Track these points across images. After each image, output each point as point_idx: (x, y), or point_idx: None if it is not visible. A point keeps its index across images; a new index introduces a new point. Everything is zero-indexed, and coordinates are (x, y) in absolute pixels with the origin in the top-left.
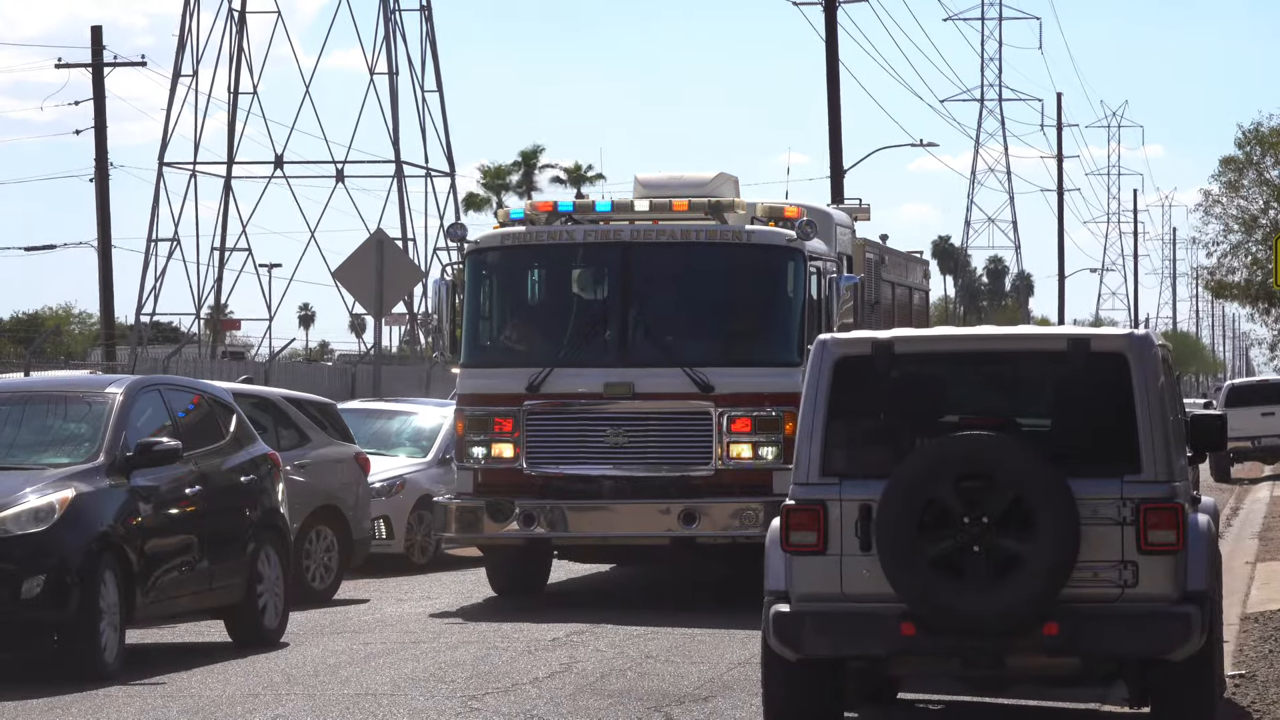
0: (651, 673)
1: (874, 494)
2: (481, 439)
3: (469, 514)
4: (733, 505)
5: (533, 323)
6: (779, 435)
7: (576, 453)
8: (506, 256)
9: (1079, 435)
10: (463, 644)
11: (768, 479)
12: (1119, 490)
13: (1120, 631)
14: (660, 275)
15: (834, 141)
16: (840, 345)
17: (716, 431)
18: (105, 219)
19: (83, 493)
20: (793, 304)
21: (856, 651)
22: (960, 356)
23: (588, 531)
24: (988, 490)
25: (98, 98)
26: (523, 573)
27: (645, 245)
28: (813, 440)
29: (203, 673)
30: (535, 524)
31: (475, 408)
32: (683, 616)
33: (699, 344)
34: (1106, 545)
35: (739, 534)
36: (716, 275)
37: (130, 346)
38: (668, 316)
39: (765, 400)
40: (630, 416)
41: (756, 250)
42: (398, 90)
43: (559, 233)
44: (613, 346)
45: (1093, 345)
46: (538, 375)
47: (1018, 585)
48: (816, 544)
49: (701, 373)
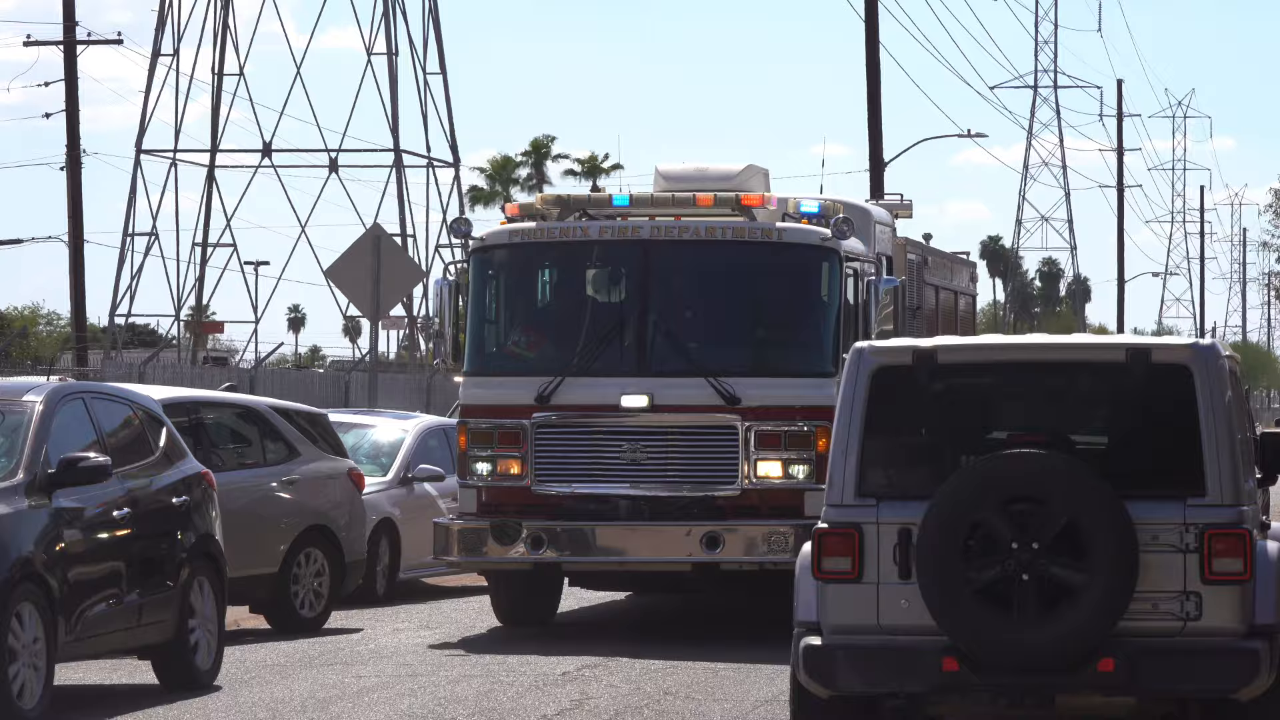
0: (670, 710)
1: (914, 517)
2: (486, 454)
3: (472, 536)
4: (761, 529)
5: (543, 327)
6: (811, 452)
7: (590, 470)
8: (515, 255)
9: (1138, 454)
10: (464, 678)
11: (799, 500)
12: (1181, 514)
13: (1181, 668)
14: (682, 276)
15: (874, 132)
16: (879, 354)
17: (743, 448)
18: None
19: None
20: (827, 309)
21: (894, 688)
22: (1009, 367)
23: (601, 556)
24: (1038, 514)
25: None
26: (531, 600)
27: (666, 243)
28: (848, 457)
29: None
30: (544, 547)
31: (479, 420)
32: (705, 649)
33: (724, 352)
34: (1167, 574)
35: (766, 560)
36: (744, 277)
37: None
38: (690, 321)
39: (796, 414)
40: (649, 431)
41: (788, 249)
42: (397, 73)
43: (572, 229)
44: (630, 354)
45: (1154, 356)
46: (548, 385)
47: (1070, 617)
48: (851, 571)
49: (727, 383)
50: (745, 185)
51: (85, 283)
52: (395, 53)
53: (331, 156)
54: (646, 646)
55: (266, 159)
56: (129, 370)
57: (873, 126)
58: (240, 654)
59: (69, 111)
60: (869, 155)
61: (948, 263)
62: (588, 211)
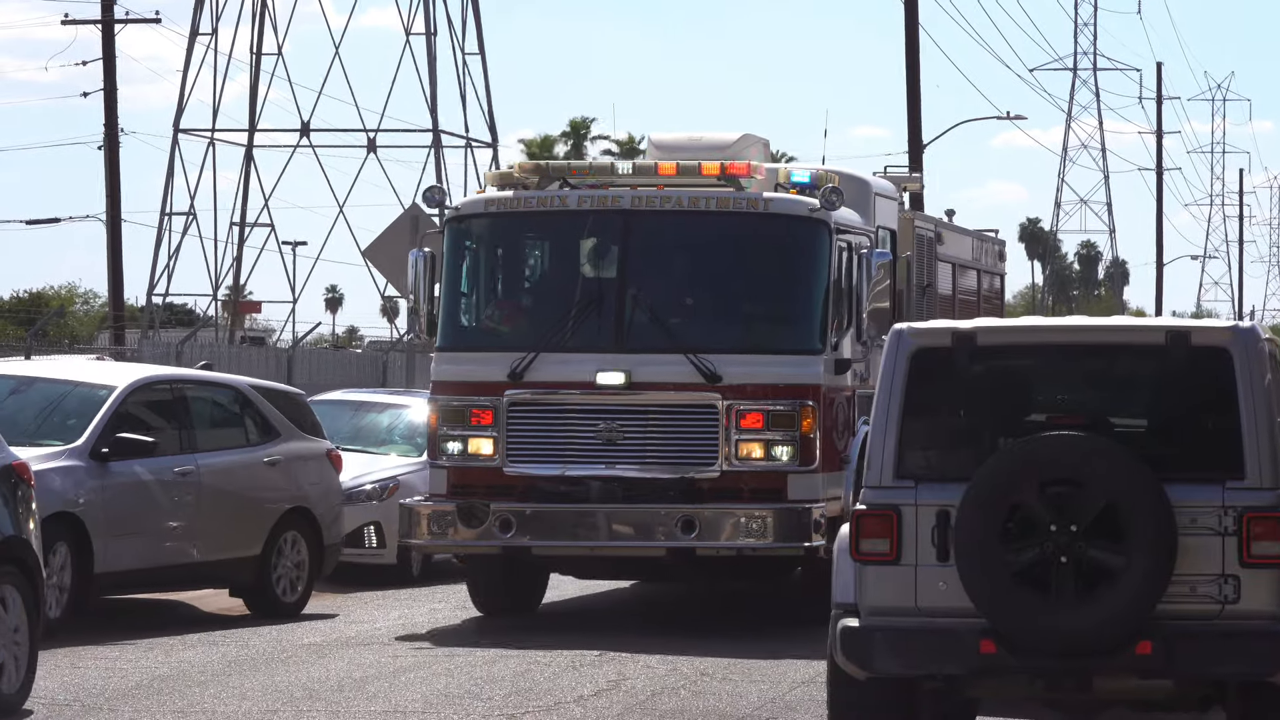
0: (708, 691)
1: (952, 499)
2: (457, 433)
3: (440, 518)
4: (739, 512)
5: (518, 301)
6: (795, 433)
7: (564, 450)
8: (490, 225)
9: (1177, 437)
10: (501, 658)
11: (781, 483)
12: (1220, 497)
13: (1220, 651)
14: (664, 248)
15: (912, 113)
16: (917, 335)
17: (724, 428)
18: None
19: None
20: (815, 283)
21: (931, 670)
22: (1048, 349)
23: (572, 540)
24: (1077, 496)
25: (108, 57)
26: (510, 588)
27: (648, 214)
28: (886, 439)
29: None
30: (513, 531)
31: (450, 397)
32: (735, 634)
33: (706, 327)
34: (1206, 557)
35: (745, 545)
36: (728, 248)
37: (140, 330)
38: (671, 295)
39: (781, 392)
40: (625, 410)
41: (774, 220)
42: (435, 52)
43: (550, 198)
44: (607, 329)
45: (1193, 339)
46: (521, 361)
47: (1108, 600)
48: (889, 553)
49: (708, 360)
50: (741, 155)
51: (123, 262)
52: (434, 32)
53: (370, 136)
54: (673, 631)
55: (305, 139)
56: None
57: (912, 108)
58: (277, 633)
59: (107, 90)
60: (908, 137)
61: (970, 239)
62: (568, 180)
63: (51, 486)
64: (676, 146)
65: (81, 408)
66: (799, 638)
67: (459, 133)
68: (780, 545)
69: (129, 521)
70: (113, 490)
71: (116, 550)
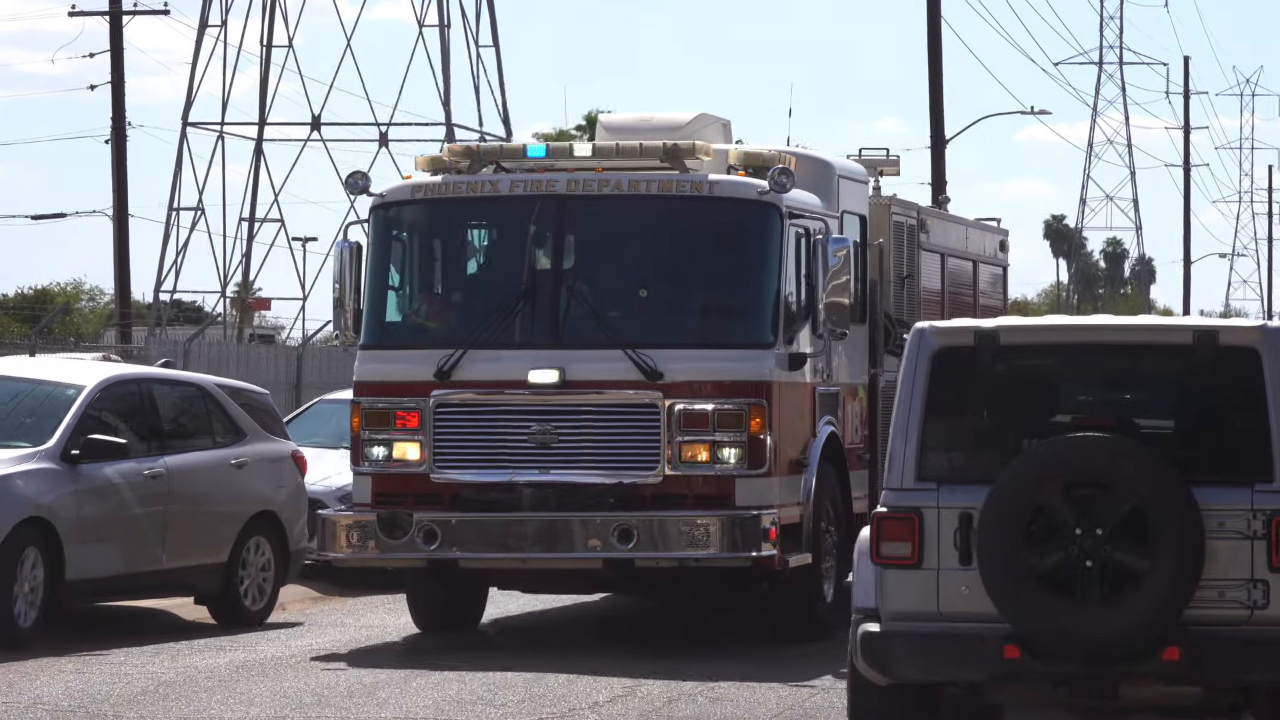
0: (725, 697)
1: (975, 501)
2: (381, 437)
3: (358, 530)
4: (681, 520)
5: (447, 294)
6: (743, 435)
7: (493, 455)
8: (417, 213)
9: (1205, 438)
10: (513, 666)
11: (728, 489)
12: (1249, 500)
13: (1248, 657)
14: (602, 235)
15: (935, 107)
16: (939, 335)
17: (665, 429)
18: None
19: None
20: (765, 271)
21: (953, 676)
22: (1073, 349)
23: (502, 552)
24: (1102, 499)
25: (115, 49)
26: (449, 602)
27: (584, 199)
28: (908, 440)
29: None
30: (437, 542)
31: (374, 398)
32: (754, 643)
33: (647, 320)
34: (1234, 561)
35: (687, 556)
36: (671, 235)
37: (148, 327)
38: (610, 286)
39: (727, 390)
40: (559, 410)
41: (720, 204)
42: (449, 45)
43: (481, 184)
44: (541, 324)
45: (1221, 338)
46: (448, 359)
47: (1134, 605)
48: (910, 556)
49: (648, 355)
50: (696, 137)
51: (130, 258)
52: (447, 24)
53: (382, 130)
54: (678, 635)
55: (315, 133)
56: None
57: (934, 103)
58: (285, 638)
59: (114, 83)
60: (930, 132)
61: (965, 228)
62: (501, 164)
63: (22, 490)
64: (626, 128)
65: (48, 408)
66: (814, 648)
67: (473, 126)
68: (726, 556)
69: (100, 526)
70: (84, 494)
71: (88, 556)
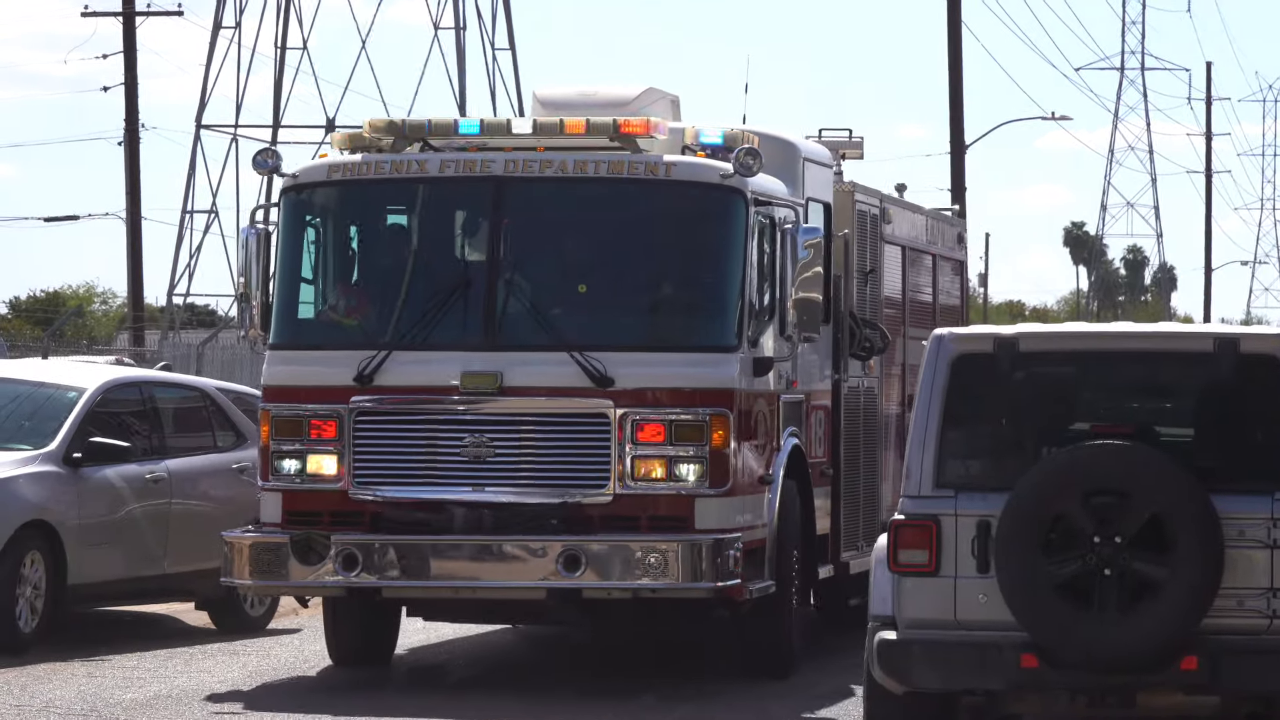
0: (740, 706)
1: (993, 509)
2: (293, 448)
3: (268, 554)
4: (635, 545)
5: (368, 288)
6: (704, 448)
7: (421, 470)
8: (335, 196)
9: (1225, 447)
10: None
11: (687, 509)
12: (1269, 509)
13: (1267, 667)
14: (544, 223)
15: (955, 113)
16: (958, 341)
17: (617, 442)
18: (135, 187)
19: None
20: (728, 264)
21: (971, 685)
22: (1092, 356)
23: (432, 580)
24: (1121, 507)
25: (128, 50)
26: (367, 631)
27: (524, 181)
28: (926, 448)
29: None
30: (358, 569)
31: (285, 405)
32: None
33: (596, 319)
34: (1254, 570)
35: (642, 586)
36: (622, 223)
37: (160, 331)
38: (553, 280)
39: (686, 399)
40: (496, 420)
41: (677, 189)
42: (464, 47)
43: (407, 163)
44: (474, 322)
45: (1242, 346)
46: (370, 361)
47: (1153, 614)
48: (928, 564)
49: (597, 359)
50: (644, 113)
51: (143, 261)
52: (463, 26)
53: None
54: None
55: (330, 135)
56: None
57: (954, 108)
58: (298, 643)
59: (128, 85)
60: (950, 137)
61: (925, 219)
62: (429, 142)
63: (24, 493)
64: (565, 103)
65: (50, 410)
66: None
67: None
68: (685, 586)
69: (102, 530)
70: (86, 497)
71: (90, 560)
